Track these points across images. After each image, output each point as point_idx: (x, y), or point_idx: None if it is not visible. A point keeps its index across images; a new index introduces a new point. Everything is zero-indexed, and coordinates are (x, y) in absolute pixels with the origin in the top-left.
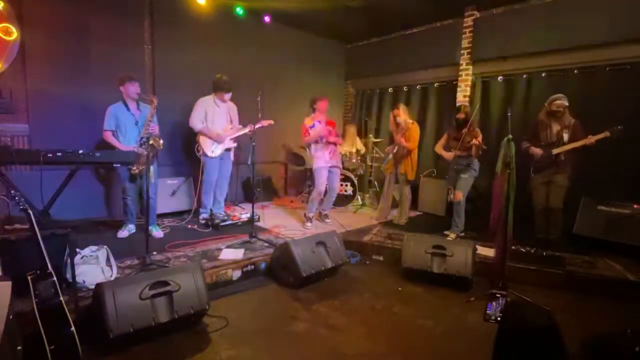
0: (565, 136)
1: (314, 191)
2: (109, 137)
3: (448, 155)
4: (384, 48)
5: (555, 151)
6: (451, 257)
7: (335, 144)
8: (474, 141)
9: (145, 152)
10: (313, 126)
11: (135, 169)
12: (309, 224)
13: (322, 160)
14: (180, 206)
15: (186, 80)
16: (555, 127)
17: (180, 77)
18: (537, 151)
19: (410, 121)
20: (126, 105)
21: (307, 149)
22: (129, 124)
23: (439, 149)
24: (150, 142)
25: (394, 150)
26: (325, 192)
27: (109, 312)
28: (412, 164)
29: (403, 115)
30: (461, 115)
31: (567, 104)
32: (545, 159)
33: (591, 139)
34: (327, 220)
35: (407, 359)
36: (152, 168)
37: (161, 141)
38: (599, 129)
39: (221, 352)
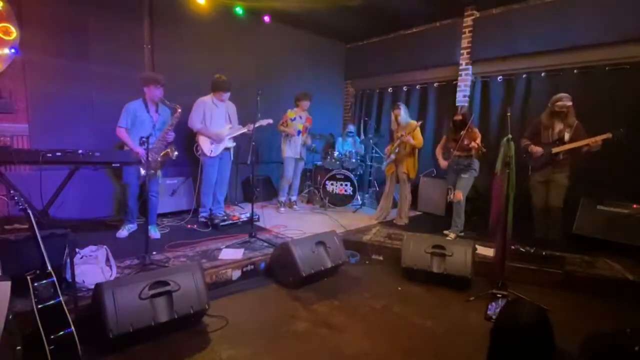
0: (567, 136)
1: (282, 179)
2: (123, 134)
3: (442, 163)
4: (384, 48)
5: (555, 150)
6: (451, 257)
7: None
8: (473, 144)
9: (161, 158)
10: (294, 119)
11: (143, 173)
12: (282, 209)
13: (290, 151)
14: (180, 206)
15: (186, 80)
16: (558, 127)
17: (180, 77)
18: (537, 150)
19: (415, 122)
20: (146, 106)
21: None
22: (146, 126)
23: (438, 152)
24: (167, 150)
25: (397, 150)
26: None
27: (109, 312)
28: (415, 163)
29: (404, 115)
30: (458, 117)
31: (569, 103)
32: (543, 157)
33: (596, 140)
34: (295, 207)
35: (407, 358)
36: (159, 172)
37: (175, 152)
38: (598, 129)
39: (221, 352)
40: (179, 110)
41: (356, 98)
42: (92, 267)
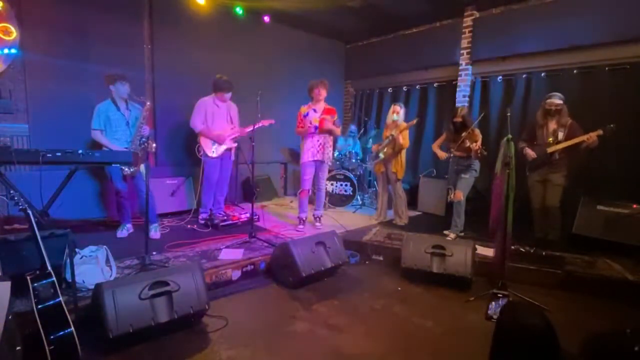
0: (561, 135)
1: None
2: (98, 136)
3: (442, 154)
4: (384, 48)
5: (549, 150)
6: (451, 257)
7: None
8: (474, 146)
9: (140, 154)
10: (307, 115)
11: (127, 171)
12: (300, 226)
13: (307, 154)
14: (180, 206)
15: (186, 80)
16: (552, 126)
17: (180, 77)
18: (530, 153)
19: (405, 124)
20: (116, 105)
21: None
22: (120, 124)
23: (435, 147)
24: (145, 144)
25: (385, 150)
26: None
27: (109, 312)
28: (402, 163)
29: (402, 115)
30: (458, 119)
31: (560, 102)
32: (539, 157)
33: (591, 136)
34: (317, 224)
35: (407, 358)
36: (142, 167)
37: (154, 144)
38: (595, 129)
39: (221, 352)
40: (148, 103)
41: (356, 98)
42: (92, 267)
